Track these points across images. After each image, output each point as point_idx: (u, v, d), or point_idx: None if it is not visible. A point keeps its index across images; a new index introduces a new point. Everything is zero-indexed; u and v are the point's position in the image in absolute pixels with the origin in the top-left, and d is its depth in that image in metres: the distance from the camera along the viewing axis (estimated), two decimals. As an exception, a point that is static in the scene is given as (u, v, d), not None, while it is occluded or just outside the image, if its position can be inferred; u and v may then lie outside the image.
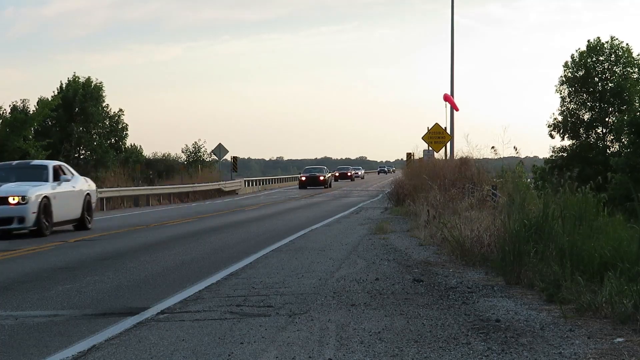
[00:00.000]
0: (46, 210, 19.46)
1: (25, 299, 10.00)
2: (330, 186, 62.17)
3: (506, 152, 16.66)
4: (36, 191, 19.33)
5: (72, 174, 21.51)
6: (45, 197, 19.49)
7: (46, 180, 20.22)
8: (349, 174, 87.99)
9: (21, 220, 18.93)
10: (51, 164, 21.19)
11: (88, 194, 21.87)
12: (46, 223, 19.45)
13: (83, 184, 22.00)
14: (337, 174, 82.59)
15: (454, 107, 35.76)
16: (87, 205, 21.63)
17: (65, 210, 20.48)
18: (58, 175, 20.66)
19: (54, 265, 13.45)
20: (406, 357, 6.57)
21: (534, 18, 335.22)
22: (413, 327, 7.72)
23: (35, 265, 13.50)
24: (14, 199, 18.94)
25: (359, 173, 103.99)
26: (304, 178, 61.71)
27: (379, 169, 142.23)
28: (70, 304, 9.55)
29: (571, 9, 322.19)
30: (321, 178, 61.25)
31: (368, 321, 8.03)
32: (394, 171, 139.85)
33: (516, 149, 15.63)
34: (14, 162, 22.05)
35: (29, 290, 10.75)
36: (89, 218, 21.77)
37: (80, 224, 21.37)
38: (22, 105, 48.67)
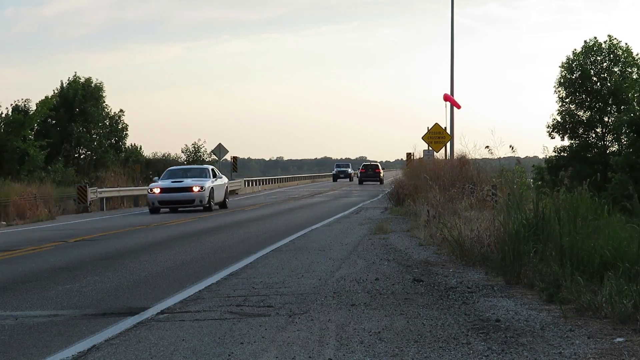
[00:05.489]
0: (210, 194, 31.13)
1: (25, 299, 10.00)
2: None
3: (506, 152, 16.58)
4: (207, 183, 31.16)
5: (220, 174, 33.88)
6: (211, 187, 31.36)
7: (208, 177, 31.97)
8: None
9: (201, 200, 30.65)
10: (209, 167, 33.94)
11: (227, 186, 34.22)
12: (211, 202, 31.12)
13: (224, 180, 34.05)
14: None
15: (455, 106, 35.71)
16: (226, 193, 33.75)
17: (217, 196, 32.09)
18: (214, 174, 32.73)
19: (54, 265, 13.45)
20: (406, 357, 6.58)
21: (534, 18, 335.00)
22: (413, 327, 7.72)
23: (35, 265, 13.50)
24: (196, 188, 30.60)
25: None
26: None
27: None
28: (70, 304, 9.56)
29: (571, 8, 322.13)
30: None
31: (368, 321, 8.03)
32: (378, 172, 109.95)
33: (512, 148, 15.54)
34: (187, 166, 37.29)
35: (29, 290, 10.76)
36: (227, 200, 33.81)
37: (223, 204, 33.01)
38: (24, 105, 48.61)
